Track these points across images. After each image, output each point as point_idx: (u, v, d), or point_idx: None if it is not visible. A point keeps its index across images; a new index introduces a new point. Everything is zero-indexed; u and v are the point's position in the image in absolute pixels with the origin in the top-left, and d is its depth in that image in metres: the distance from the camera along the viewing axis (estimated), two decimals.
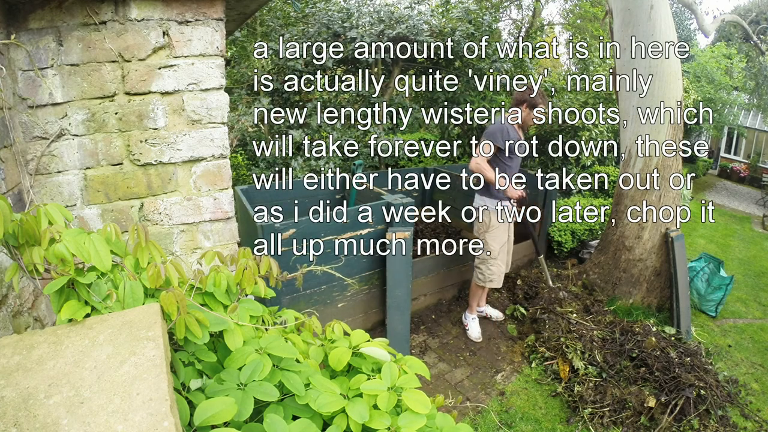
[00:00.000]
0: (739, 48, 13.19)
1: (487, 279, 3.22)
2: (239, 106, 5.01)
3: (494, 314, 3.66)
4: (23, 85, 1.43)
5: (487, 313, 3.65)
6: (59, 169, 1.52)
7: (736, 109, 12.45)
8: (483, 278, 3.24)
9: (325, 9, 6.02)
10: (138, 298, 0.97)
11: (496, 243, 3.16)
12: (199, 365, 1.01)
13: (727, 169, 14.20)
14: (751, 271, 5.53)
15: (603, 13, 8.80)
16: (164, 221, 1.69)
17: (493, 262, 3.18)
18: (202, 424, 0.81)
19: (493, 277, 3.21)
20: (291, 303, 2.71)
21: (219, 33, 1.61)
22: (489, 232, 3.15)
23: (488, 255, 3.17)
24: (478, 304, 3.60)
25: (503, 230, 3.19)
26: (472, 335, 3.38)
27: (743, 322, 4.00)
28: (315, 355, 1.18)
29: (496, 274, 3.21)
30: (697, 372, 2.71)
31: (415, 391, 1.03)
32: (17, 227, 0.91)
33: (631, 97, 3.62)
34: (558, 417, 2.65)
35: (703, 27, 6.42)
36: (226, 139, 1.71)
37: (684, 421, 2.47)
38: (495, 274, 3.21)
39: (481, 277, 3.24)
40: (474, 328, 3.41)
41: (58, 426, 0.66)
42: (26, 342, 0.83)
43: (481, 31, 6.00)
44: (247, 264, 1.10)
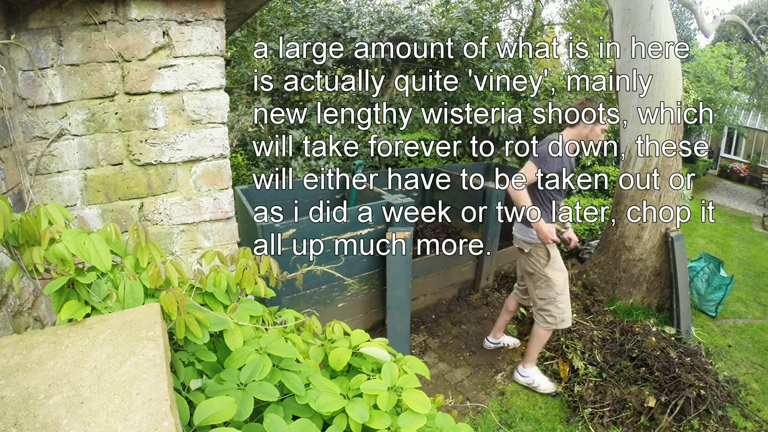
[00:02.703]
0: (739, 48, 13.20)
1: (559, 320, 2.65)
2: (239, 106, 5.01)
3: (512, 342, 3.30)
4: (23, 85, 1.43)
5: (505, 343, 3.28)
6: (59, 169, 1.52)
7: (736, 109, 12.45)
8: (554, 320, 2.65)
9: (325, 9, 6.03)
10: (138, 298, 0.97)
11: (561, 275, 2.63)
12: (199, 365, 1.01)
13: (727, 169, 14.20)
14: (751, 271, 5.53)
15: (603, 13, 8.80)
16: (164, 221, 1.69)
17: (561, 298, 2.64)
18: (202, 423, 0.81)
19: (564, 315, 2.65)
20: (291, 303, 2.71)
21: (219, 33, 1.61)
22: (549, 265, 2.61)
23: (556, 294, 2.62)
24: (495, 336, 3.23)
25: (558, 254, 2.66)
26: (547, 389, 2.82)
27: (743, 322, 4.00)
28: (315, 355, 1.18)
29: (566, 310, 2.66)
30: (697, 372, 2.71)
31: (415, 391, 1.03)
32: (17, 227, 0.91)
33: (631, 97, 3.62)
34: (558, 417, 2.65)
35: (703, 27, 6.42)
36: (226, 139, 1.71)
37: (684, 421, 2.47)
38: (566, 311, 2.66)
39: (552, 320, 2.66)
40: (542, 381, 2.84)
41: (58, 426, 0.66)
42: (26, 342, 0.83)
43: (481, 31, 6.00)
44: (247, 264, 1.11)
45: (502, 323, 3.19)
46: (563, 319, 2.65)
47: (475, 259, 3.97)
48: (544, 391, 2.82)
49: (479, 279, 4.02)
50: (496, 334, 3.24)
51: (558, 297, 2.63)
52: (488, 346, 3.27)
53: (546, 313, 2.67)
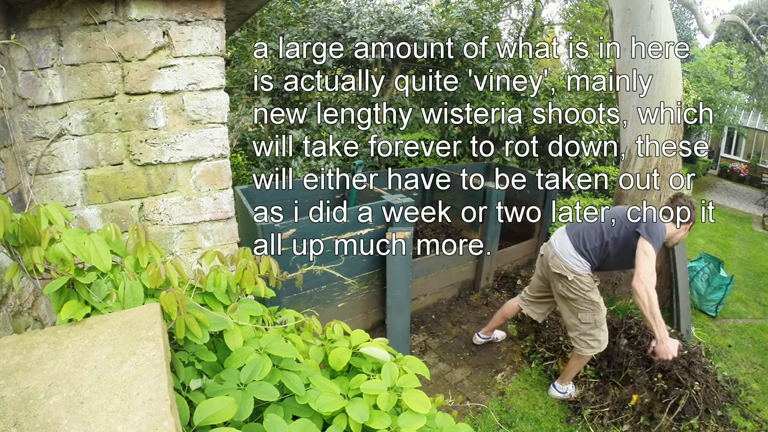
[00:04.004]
0: (739, 48, 13.20)
1: (603, 342, 2.58)
2: (239, 106, 5.01)
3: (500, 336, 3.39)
4: (23, 85, 1.43)
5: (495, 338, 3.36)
6: (59, 169, 1.52)
7: (736, 109, 12.45)
8: (599, 344, 2.57)
9: (325, 9, 6.03)
10: (138, 298, 0.97)
11: (601, 299, 2.57)
12: (199, 365, 1.01)
13: (727, 169, 14.20)
14: (751, 271, 5.53)
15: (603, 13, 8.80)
16: (164, 221, 1.69)
17: (602, 323, 2.56)
18: (201, 423, 0.81)
19: (605, 336, 2.59)
20: (291, 303, 2.71)
21: (219, 33, 1.61)
22: (593, 290, 2.52)
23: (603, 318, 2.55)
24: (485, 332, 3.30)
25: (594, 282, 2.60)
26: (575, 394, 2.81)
27: (743, 322, 4.00)
28: (315, 355, 1.18)
29: (605, 333, 2.59)
30: (696, 372, 2.71)
31: (415, 391, 1.03)
32: (17, 227, 0.91)
33: (631, 97, 3.62)
34: (558, 417, 2.65)
35: (703, 27, 6.42)
36: (226, 139, 1.71)
37: (684, 421, 2.47)
38: (605, 333, 2.58)
39: (596, 344, 2.56)
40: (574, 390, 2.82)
41: (58, 426, 0.66)
42: (26, 342, 0.83)
43: (481, 31, 6.00)
44: (247, 264, 1.11)
45: (495, 324, 3.22)
46: (604, 340, 2.58)
47: (475, 259, 3.97)
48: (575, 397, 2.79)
49: (479, 279, 4.02)
50: (488, 332, 3.32)
51: (599, 322, 2.55)
52: (478, 341, 3.34)
53: (590, 338, 2.57)
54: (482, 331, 3.33)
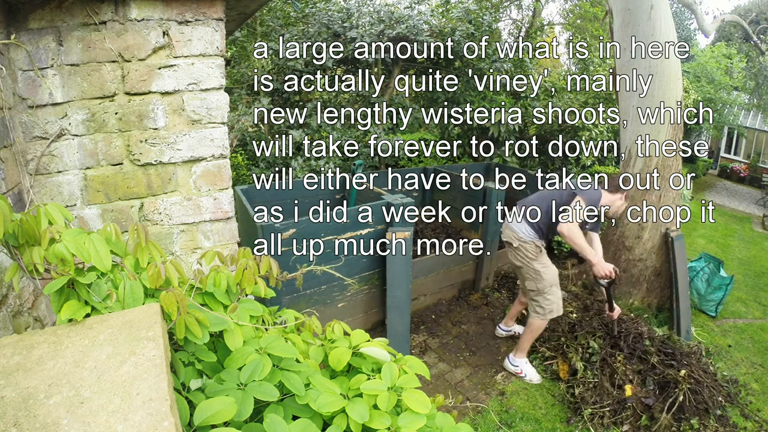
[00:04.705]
0: (739, 48, 13.20)
1: (548, 310, 2.82)
2: (239, 106, 5.00)
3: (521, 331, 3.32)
4: (23, 85, 1.43)
5: (516, 332, 3.38)
6: (59, 169, 1.52)
7: (736, 109, 12.45)
8: (544, 311, 2.82)
9: (325, 9, 6.02)
10: (138, 298, 0.97)
11: (549, 270, 2.81)
12: (199, 365, 1.01)
13: (727, 169, 14.20)
14: (751, 271, 5.53)
15: (603, 13, 8.80)
16: (164, 221, 1.69)
17: (550, 290, 2.80)
18: (201, 423, 0.81)
19: (553, 306, 2.82)
20: (291, 303, 2.71)
21: (219, 33, 1.61)
22: (537, 259, 2.80)
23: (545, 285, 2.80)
24: (506, 323, 3.39)
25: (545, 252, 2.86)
26: (533, 380, 2.96)
27: (743, 322, 4.00)
28: (315, 355, 1.18)
29: (555, 301, 2.82)
30: (697, 372, 2.71)
31: (415, 391, 1.03)
32: (17, 227, 0.91)
33: (631, 97, 3.62)
34: (558, 417, 2.65)
35: (703, 27, 6.42)
36: (226, 139, 1.71)
37: (684, 421, 2.47)
38: (554, 302, 2.82)
39: (541, 310, 2.82)
40: (530, 371, 2.98)
41: (58, 426, 0.66)
42: (26, 342, 0.83)
43: (481, 31, 6.00)
44: (247, 264, 1.11)
45: (514, 312, 3.34)
46: (552, 310, 2.81)
47: (475, 259, 3.97)
48: (530, 381, 2.96)
49: (479, 279, 4.02)
50: (508, 322, 3.40)
51: (547, 289, 2.79)
52: (500, 333, 3.41)
53: (536, 303, 2.85)
54: (503, 323, 3.42)
